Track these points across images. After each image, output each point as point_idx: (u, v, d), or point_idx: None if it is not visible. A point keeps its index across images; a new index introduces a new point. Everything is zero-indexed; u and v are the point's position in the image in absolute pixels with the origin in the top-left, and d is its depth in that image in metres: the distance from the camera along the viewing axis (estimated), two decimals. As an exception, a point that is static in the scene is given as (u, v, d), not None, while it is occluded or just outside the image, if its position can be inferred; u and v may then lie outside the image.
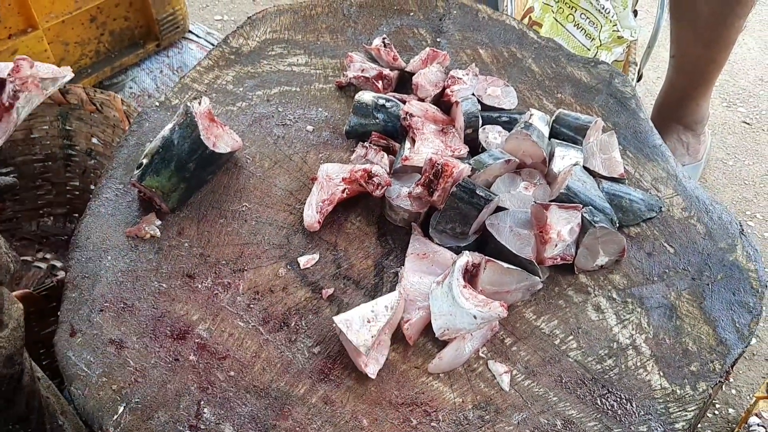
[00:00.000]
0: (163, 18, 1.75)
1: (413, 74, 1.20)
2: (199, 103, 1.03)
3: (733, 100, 2.33)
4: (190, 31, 1.87)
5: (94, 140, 1.55)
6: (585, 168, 1.06)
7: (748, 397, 1.59)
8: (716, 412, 1.57)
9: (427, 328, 0.92)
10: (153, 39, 1.78)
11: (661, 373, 0.91)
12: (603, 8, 1.69)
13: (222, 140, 1.05)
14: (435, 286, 0.92)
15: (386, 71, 1.20)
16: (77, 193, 1.63)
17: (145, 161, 1.00)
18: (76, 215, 1.65)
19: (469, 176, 1.00)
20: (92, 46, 1.68)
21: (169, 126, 1.01)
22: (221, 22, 2.51)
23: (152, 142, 1.01)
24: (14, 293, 1.01)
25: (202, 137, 1.01)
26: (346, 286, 0.97)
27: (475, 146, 1.10)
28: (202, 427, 0.82)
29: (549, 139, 1.09)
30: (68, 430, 0.98)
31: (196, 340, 0.90)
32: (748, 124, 2.25)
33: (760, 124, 2.25)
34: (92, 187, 1.58)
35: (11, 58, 1.49)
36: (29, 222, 1.63)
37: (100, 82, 1.73)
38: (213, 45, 1.84)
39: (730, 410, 1.57)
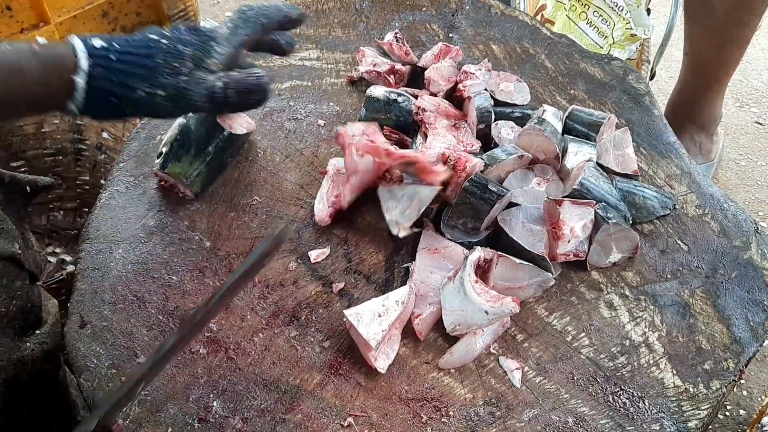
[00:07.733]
0: (174, 14, 1.75)
1: (425, 69, 1.19)
2: None
3: (746, 100, 2.31)
4: (201, 27, 1.87)
5: (105, 135, 1.56)
6: (598, 164, 1.05)
7: (759, 399, 1.58)
8: (727, 413, 1.56)
9: (438, 324, 0.91)
10: (164, 34, 1.78)
11: (674, 371, 0.90)
12: (616, 6, 1.69)
13: (237, 122, 1.05)
14: (446, 281, 0.91)
15: (398, 66, 1.19)
16: (87, 187, 1.63)
17: (164, 149, 1.00)
18: (86, 210, 1.65)
19: (481, 171, 0.99)
20: (103, 41, 1.69)
21: None
22: (232, 18, 2.51)
23: (168, 132, 1.01)
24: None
25: (218, 120, 1.01)
26: (356, 280, 0.96)
27: (487, 141, 1.09)
28: (212, 420, 0.82)
29: (562, 135, 1.08)
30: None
31: (206, 334, 0.89)
32: (760, 124, 2.23)
33: (773, 124, 2.24)
34: (102, 181, 1.58)
35: (23, 51, 1.50)
36: (39, 216, 1.64)
37: (111, 77, 1.72)
38: (224, 41, 1.83)
39: (741, 411, 1.56)
